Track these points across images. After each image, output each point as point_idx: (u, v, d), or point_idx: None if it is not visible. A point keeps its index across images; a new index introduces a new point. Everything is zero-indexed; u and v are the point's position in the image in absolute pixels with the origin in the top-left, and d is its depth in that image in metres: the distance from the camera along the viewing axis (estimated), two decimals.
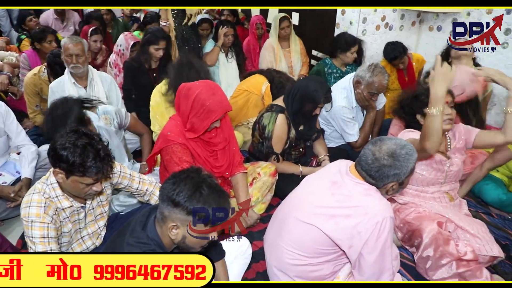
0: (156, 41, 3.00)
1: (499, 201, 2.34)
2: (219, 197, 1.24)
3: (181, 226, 1.24)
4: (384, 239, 1.42)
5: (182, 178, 1.23)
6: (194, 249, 1.32)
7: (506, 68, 3.26)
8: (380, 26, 3.62)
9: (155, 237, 1.28)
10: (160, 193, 1.26)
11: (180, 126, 1.94)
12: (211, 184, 1.26)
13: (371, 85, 2.50)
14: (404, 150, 1.44)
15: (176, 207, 1.21)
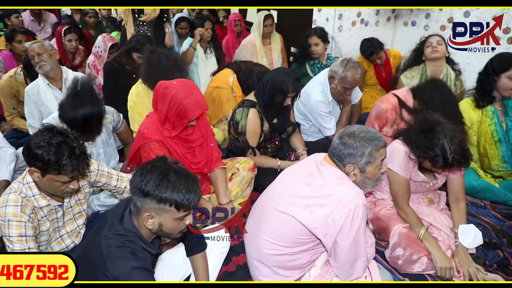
0: (141, 49, 2.98)
1: (471, 188, 2.41)
2: (187, 182, 1.27)
3: (155, 215, 1.27)
4: (358, 225, 1.47)
5: (149, 169, 1.27)
6: (173, 236, 1.36)
7: (477, 60, 3.36)
8: (356, 22, 3.69)
9: (133, 229, 1.31)
10: (130, 186, 1.29)
11: (156, 123, 1.96)
12: (178, 170, 1.29)
13: (344, 80, 2.55)
14: (363, 133, 1.51)
15: (146, 197, 1.24)
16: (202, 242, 1.67)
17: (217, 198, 2.18)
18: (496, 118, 2.41)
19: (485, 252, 2.08)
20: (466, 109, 2.43)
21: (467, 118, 2.42)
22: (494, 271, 1.99)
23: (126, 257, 1.26)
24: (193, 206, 1.31)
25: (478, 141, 2.47)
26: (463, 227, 1.98)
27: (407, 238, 1.89)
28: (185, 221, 1.33)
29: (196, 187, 1.30)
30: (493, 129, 2.42)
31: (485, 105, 2.43)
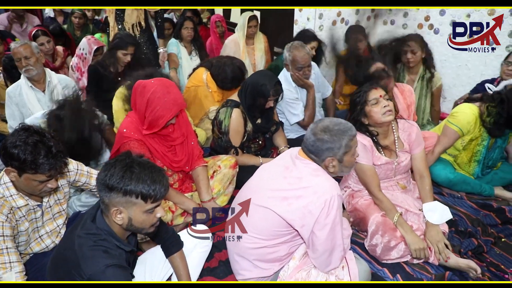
0: (125, 46, 3.00)
1: (447, 180, 2.48)
2: (152, 173, 1.28)
3: (123, 209, 1.28)
4: (334, 216, 1.51)
5: (112, 163, 1.28)
6: (146, 230, 1.37)
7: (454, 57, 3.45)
8: (336, 21, 3.76)
9: (105, 227, 1.32)
10: (97, 183, 1.30)
11: (136, 122, 1.97)
12: (142, 162, 1.30)
13: (294, 62, 2.64)
14: (337, 126, 1.56)
15: (111, 191, 1.25)
16: (177, 241, 1.68)
17: (199, 196, 2.20)
18: (487, 141, 2.42)
19: (461, 240, 2.15)
20: (470, 122, 2.34)
21: (466, 129, 2.37)
22: (469, 258, 2.05)
23: (99, 256, 1.26)
24: (161, 197, 1.32)
25: (461, 151, 2.50)
26: (427, 205, 2.06)
27: (384, 226, 1.95)
28: (156, 213, 1.34)
29: (162, 178, 1.31)
30: (478, 149, 2.45)
31: (495, 137, 2.38)
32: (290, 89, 2.72)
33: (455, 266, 1.95)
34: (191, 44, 3.83)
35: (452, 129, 2.41)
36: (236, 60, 2.96)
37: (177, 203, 2.12)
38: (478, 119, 2.36)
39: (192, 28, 3.72)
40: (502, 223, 2.34)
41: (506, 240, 2.25)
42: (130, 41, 3.05)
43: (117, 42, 3.02)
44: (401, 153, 2.14)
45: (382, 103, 1.98)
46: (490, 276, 1.97)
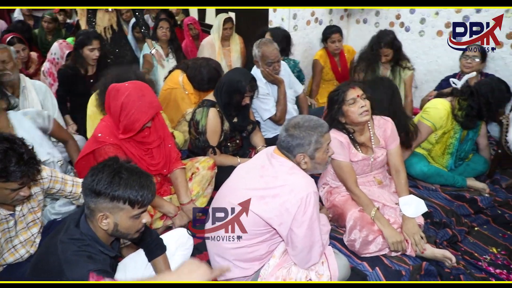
0: (89, 41, 2.94)
1: (422, 173, 2.55)
2: (140, 178, 1.28)
3: (110, 214, 1.27)
4: (311, 212, 1.52)
5: (100, 168, 1.27)
6: (131, 236, 1.36)
7: (424, 54, 3.55)
8: (310, 21, 3.80)
9: (89, 232, 1.30)
10: (82, 188, 1.28)
11: (111, 127, 1.94)
12: (130, 167, 1.29)
13: (264, 57, 2.67)
14: (307, 122, 1.58)
15: (99, 196, 1.24)
16: (160, 245, 1.67)
17: (178, 199, 2.19)
18: (459, 133, 2.51)
19: (436, 231, 2.21)
20: (442, 117, 2.43)
21: (439, 124, 2.46)
22: (444, 248, 2.12)
23: (83, 261, 1.24)
24: (148, 203, 1.31)
25: (434, 145, 2.58)
26: (403, 199, 2.11)
27: (362, 221, 1.99)
28: (141, 219, 1.33)
29: (150, 184, 1.31)
30: (450, 142, 2.54)
31: (468, 129, 2.48)
32: (261, 85, 2.74)
33: (431, 256, 2.01)
34: (167, 46, 3.81)
35: (425, 125, 2.48)
36: (212, 61, 2.96)
37: (155, 207, 2.10)
38: (450, 113, 2.45)
39: (168, 28, 3.69)
40: (475, 212, 2.42)
41: (479, 229, 2.33)
42: (93, 35, 3.00)
43: (81, 39, 2.97)
44: (377, 149, 2.18)
45: (359, 103, 2.00)
46: (465, 264, 2.03)
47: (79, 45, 2.98)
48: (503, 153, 2.66)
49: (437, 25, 3.39)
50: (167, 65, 3.73)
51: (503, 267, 2.03)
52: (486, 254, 2.13)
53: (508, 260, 2.08)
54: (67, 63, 3.18)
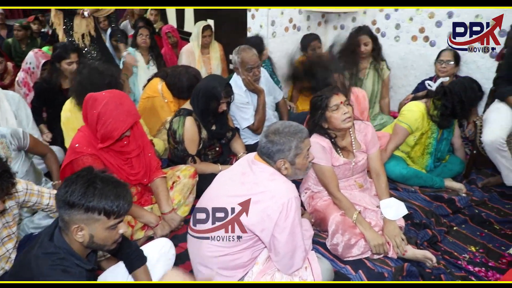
0: (67, 54, 2.89)
1: (401, 176, 2.60)
2: (115, 188, 1.26)
3: (85, 226, 1.24)
4: (292, 218, 1.52)
5: (73, 179, 1.24)
6: (108, 247, 1.33)
7: (400, 58, 3.62)
8: (288, 28, 3.84)
9: (63, 245, 1.27)
10: (56, 200, 1.25)
11: (88, 137, 1.91)
12: (105, 177, 1.27)
13: (243, 63, 2.69)
14: (287, 128, 1.59)
15: (72, 208, 1.21)
16: (141, 256, 1.64)
17: (159, 208, 2.16)
18: (436, 133, 2.58)
19: (417, 232, 2.24)
20: (417, 118, 2.49)
21: (415, 126, 2.52)
22: (425, 248, 2.15)
23: (58, 275, 1.21)
24: (124, 213, 1.29)
25: (413, 146, 2.63)
26: (384, 202, 2.14)
27: (343, 225, 2.00)
28: (118, 229, 1.31)
29: (126, 193, 1.29)
30: (429, 142, 2.60)
31: (443, 128, 2.54)
32: (241, 93, 2.75)
33: (412, 257, 2.04)
34: (148, 53, 3.79)
35: (402, 127, 2.54)
36: (192, 69, 2.95)
37: (136, 217, 2.07)
38: (425, 114, 2.52)
39: (148, 35, 3.68)
40: (453, 212, 2.48)
41: (458, 228, 2.38)
42: (71, 48, 2.96)
43: (58, 53, 2.92)
44: (358, 153, 2.21)
45: (343, 110, 2.02)
46: (445, 264, 2.07)
47: (56, 58, 2.93)
48: (478, 153, 2.73)
49: (411, 30, 3.47)
50: (148, 72, 3.69)
51: (482, 265, 2.08)
52: (465, 253, 2.18)
53: (486, 258, 2.13)
54: (43, 76, 3.12)
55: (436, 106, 2.49)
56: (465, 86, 2.44)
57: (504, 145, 2.40)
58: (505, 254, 2.15)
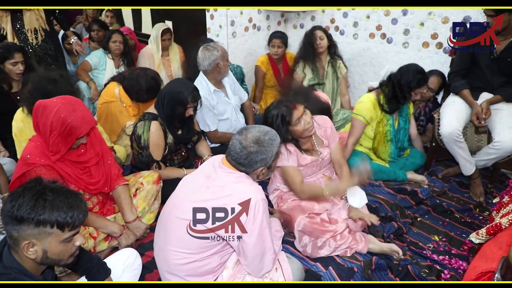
0: (10, 54, 2.70)
1: None
2: (67, 198, 1.18)
3: (36, 241, 1.15)
4: (260, 220, 1.49)
5: (20, 192, 1.15)
6: (64, 261, 1.24)
7: (359, 55, 3.71)
8: (248, 27, 3.82)
9: (14, 264, 1.17)
10: (2, 216, 1.15)
11: (41, 147, 1.78)
12: (56, 188, 1.19)
13: (224, 56, 2.68)
14: (267, 136, 1.55)
15: (21, 223, 1.12)
16: (103, 268, 1.56)
17: (123, 217, 2.06)
18: (392, 120, 2.67)
19: (383, 225, 2.29)
20: (369, 108, 2.59)
21: (368, 116, 2.61)
22: (391, 241, 2.20)
23: None
24: (79, 224, 1.21)
25: (375, 137, 2.70)
26: (351, 191, 2.16)
27: (310, 226, 2.00)
28: (75, 242, 1.22)
29: (80, 203, 1.21)
30: (387, 130, 2.67)
31: (391, 112, 2.63)
32: (207, 95, 2.69)
33: (379, 251, 2.08)
34: (119, 58, 3.65)
35: (357, 119, 2.62)
36: (150, 71, 2.85)
37: (98, 228, 1.97)
38: (376, 103, 2.62)
39: (121, 41, 3.58)
40: (416, 204, 2.55)
41: (421, 219, 2.45)
42: (14, 47, 2.76)
43: (0, 53, 2.73)
44: (322, 149, 2.23)
45: (304, 120, 2.01)
46: (411, 255, 2.12)
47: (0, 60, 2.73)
48: (436, 146, 2.83)
49: (369, 28, 3.55)
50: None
51: (445, 253, 2.15)
52: (429, 242, 2.25)
53: (449, 246, 2.21)
54: None
55: (384, 92, 2.61)
56: (403, 70, 2.56)
57: (460, 137, 2.50)
58: (466, 241, 2.23)
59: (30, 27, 3.25)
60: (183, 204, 1.57)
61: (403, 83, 2.52)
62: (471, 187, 2.69)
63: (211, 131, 2.79)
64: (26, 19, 3.22)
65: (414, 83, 2.51)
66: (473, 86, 2.62)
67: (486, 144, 2.61)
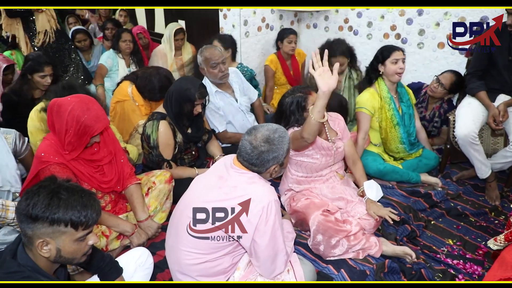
0: (40, 67, 2.75)
1: (378, 171, 2.61)
2: (81, 197, 1.19)
3: (50, 240, 1.16)
4: (273, 221, 1.48)
5: (35, 191, 1.16)
6: (77, 260, 1.25)
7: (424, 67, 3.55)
8: (261, 27, 3.81)
9: (28, 263, 1.18)
10: (16, 214, 1.16)
11: (55, 145, 1.80)
12: (70, 187, 1.20)
13: (207, 60, 2.63)
14: (277, 133, 1.54)
15: (36, 221, 1.13)
16: (116, 267, 1.57)
17: (135, 216, 2.07)
18: (393, 104, 2.64)
19: (396, 228, 2.26)
20: (368, 99, 2.62)
21: (370, 106, 2.62)
22: (404, 244, 2.17)
23: None
24: (93, 223, 1.22)
25: (380, 126, 2.68)
26: (366, 183, 2.20)
27: (324, 224, 1.98)
28: (88, 241, 1.23)
29: (94, 202, 1.22)
30: (391, 114, 2.65)
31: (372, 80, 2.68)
32: (210, 98, 2.69)
33: (392, 254, 2.05)
34: (129, 57, 3.68)
35: (361, 112, 2.63)
36: (162, 70, 2.87)
37: (111, 227, 1.98)
38: (374, 92, 2.64)
39: (131, 40, 3.61)
40: (430, 207, 2.51)
41: (435, 222, 2.41)
42: (44, 60, 2.80)
43: (30, 65, 2.77)
44: (336, 140, 2.24)
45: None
46: (425, 258, 2.09)
47: (28, 71, 2.77)
48: (451, 148, 2.79)
49: (383, 28, 3.51)
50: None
51: (460, 258, 2.11)
52: (443, 246, 2.21)
53: (464, 250, 2.17)
54: (12, 87, 2.95)
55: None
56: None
57: (476, 139, 2.45)
58: (481, 246, 2.19)
59: (42, 29, 3.30)
60: (196, 204, 1.56)
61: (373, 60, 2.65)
62: (487, 190, 2.64)
63: (220, 132, 2.79)
64: (39, 22, 3.27)
65: (381, 55, 2.58)
66: (490, 87, 2.57)
67: (503, 147, 2.56)
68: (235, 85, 2.87)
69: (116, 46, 3.63)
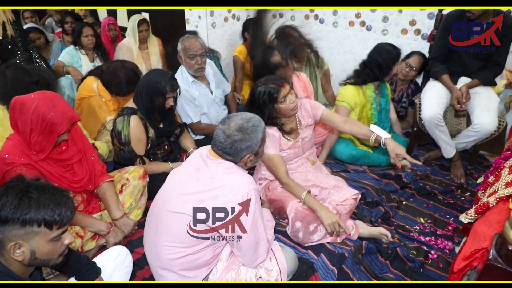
0: None
1: (351, 157, 2.68)
2: (53, 195, 1.14)
3: (23, 242, 1.10)
4: (253, 210, 1.48)
5: (2, 192, 1.10)
6: (54, 261, 1.20)
7: (339, 44, 3.72)
8: (228, 17, 3.77)
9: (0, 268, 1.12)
10: None
11: (20, 145, 1.70)
12: (41, 185, 1.14)
13: (186, 50, 2.60)
14: (250, 122, 1.54)
15: (5, 224, 1.07)
16: (93, 268, 1.52)
17: (110, 214, 2.01)
18: (375, 103, 2.70)
19: (370, 210, 2.33)
20: (353, 94, 2.63)
21: (352, 102, 2.63)
22: (379, 225, 2.24)
23: None
24: (67, 221, 1.17)
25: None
26: (372, 127, 2.15)
27: (302, 211, 2.01)
28: (63, 240, 1.18)
29: (67, 200, 1.16)
30: (371, 113, 2.71)
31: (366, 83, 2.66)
32: (187, 87, 2.65)
33: (369, 235, 2.11)
34: (93, 52, 3.52)
35: (342, 106, 2.64)
36: (128, 63, 2.77)
37: (85, 227, 1.91)
38: (359, 88, 2.65)
39: (93, 34, 3.44)
40: (401, 188, 2.60)
41: (406, 202, 2.51)
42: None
43: None
44: (302, 130, 2.25)
45: (289, 99, 2.03)
46: (399, 237, 2.17)
47: None
48: (418, 130, 2.89)
49: (348, 16, 3.57)
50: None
51: (431, 234, 2.21)
52: (415, 224, 2.30)
53: (434, 227, 2.27)
54: None
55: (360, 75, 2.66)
56: (379, 50, 2.60)
57: (441, 121, 2.55)
58: (450, 222, 2.30)
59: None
60: (174, 198, 1.54)
61: (383, 62, 2.56)
62: (452, 169, 2.76)
63: (193, 123, 2.75)
64: None
65: (395, 59, 2.58)
66: (452, 71, 2.68)
67: (466, 127, 2.68)
68: (211, 77, 2.83)
69: (78, 41, 3.47)
